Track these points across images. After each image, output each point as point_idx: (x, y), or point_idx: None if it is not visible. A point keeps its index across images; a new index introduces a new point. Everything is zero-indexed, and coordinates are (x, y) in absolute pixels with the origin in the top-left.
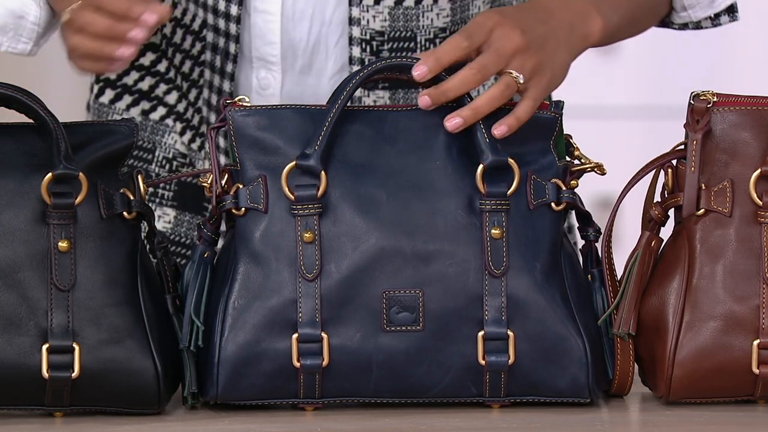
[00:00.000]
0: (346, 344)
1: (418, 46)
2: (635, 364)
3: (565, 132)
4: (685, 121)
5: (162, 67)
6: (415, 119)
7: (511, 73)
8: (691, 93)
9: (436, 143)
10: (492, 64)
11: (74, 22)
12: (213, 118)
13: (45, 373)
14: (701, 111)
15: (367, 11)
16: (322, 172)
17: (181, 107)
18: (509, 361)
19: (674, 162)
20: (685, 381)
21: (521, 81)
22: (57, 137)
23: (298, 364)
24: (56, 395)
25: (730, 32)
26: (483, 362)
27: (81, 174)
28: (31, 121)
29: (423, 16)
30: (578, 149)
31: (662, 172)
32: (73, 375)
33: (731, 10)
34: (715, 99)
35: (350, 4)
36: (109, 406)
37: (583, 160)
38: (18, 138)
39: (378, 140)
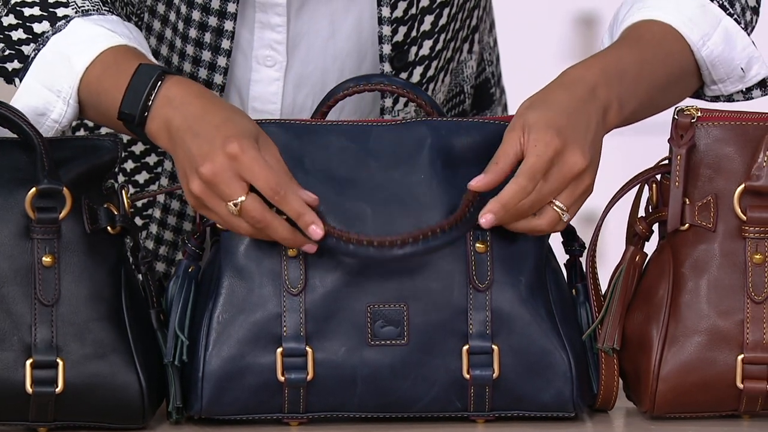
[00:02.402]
0: (330, 358)
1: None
2: (620, 379)
3: None
4: (669, 136)
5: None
6: (399, 133)
7: (556, 206)
8: (675, 108)
9: (420, 157)
10: (550, 193)
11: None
12: None
13: (29, 389)
14: (685, 126)
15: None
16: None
17: None
18: (494, 375)
19: (658, 177)
20: (669, 396)
21: (565, 219)
22: (41, 152)
23: (282, 379)
24: (40, 410)
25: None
26: (468, 376)
27: (65, 189)
28: (14, 135)
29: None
30: None
31: (646, 187)
32: (57, 390)
33: (763, 85)
34: (699, 114)
35: None
36: (94, 421)
37: None
38: (2, 153)
39: (362, 154)
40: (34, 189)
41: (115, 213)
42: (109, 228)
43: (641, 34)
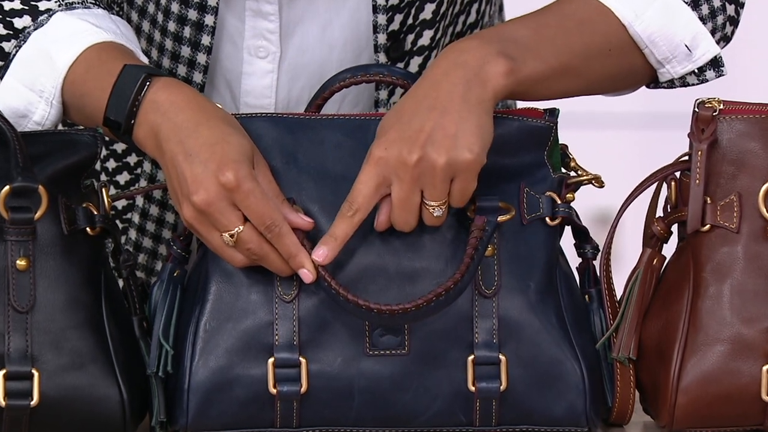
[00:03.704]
0: (325, 369)
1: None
2: (636, 391)
3: (560, 142)
4: (689, 131)
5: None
6: None
7: (428, 205)
8: (696, 100)
9: None
10: (407, 198)
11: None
12: None
13: (1, 401)
14: (706, 119)
15: None
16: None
17: None
18: (501, 387)
19: (678, 174)
20: (689, 409)
21: (436, 214)
22: (15, 147)
23: (274, 391)
24: (14, 425)
25: (739, 35)
26: (473, 388)
27: (41, 187)
28: None
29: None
30: (574, 160)
31: (665, 185)
32: (32, 403)
33: (716, 64)
34: (721, 107)
35: None
36: None
37: (579, 172)
38: None
39: (359, 150)
40: (7, 187)
41: (95, 213)
42: (88, 229)
43: (558, 8)
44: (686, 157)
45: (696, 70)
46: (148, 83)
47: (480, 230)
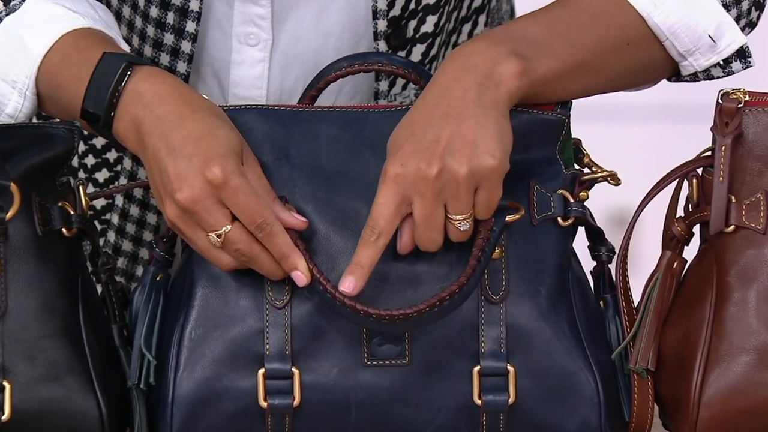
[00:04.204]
0: (320, 381)
1: None
2: (655, 405)
3: (573, 136)
4: (712, 124)
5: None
6: (399, 121)
7: (453, 220)
8: (720, 91)
9: None
10: (431, 214)
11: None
12: None
13: None
14: (731, 112)
15: None
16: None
17: None
18: (509, 400)
19: (700, 171)
20: (712, 424)
21: (463, 228)
22: None
23: (264, 404)
24: None
25: (765, 20)
26: (479, 402)
27: (12, 184)
28: None
29: None
30: (588, 156)
31: (686, 183)
32: (3, 418)
33: (742, 55)
34: (747, 98)
35: None
36: None
37: (594, 169)
38: None
39: (356, 145)
40: None
41: (71, 213)
42: (64, 230)
43: (570, 1)
44: (709, 153)
45: (721, 62)
46: (128, 72)
47: (487, 230)
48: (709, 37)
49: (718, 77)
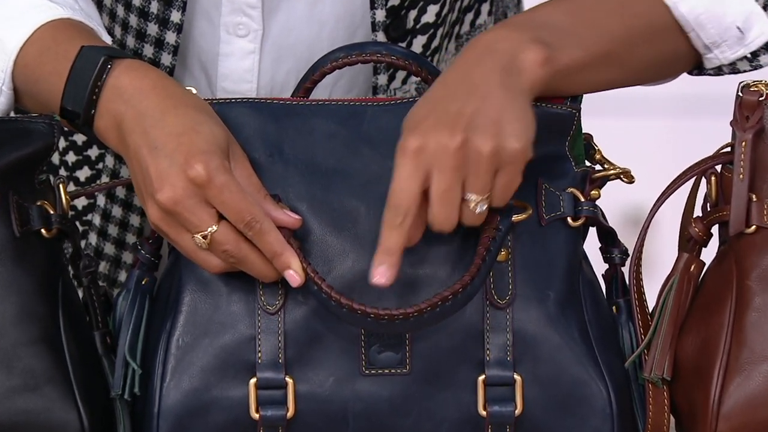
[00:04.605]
0: (315, 391)
1: None
2: (671, 416)
3: (584, 131)
4: (731, 118)
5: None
6: (399, 115)
7: (469, 199)
8: (740, 83)
9: None
10: (450, 189)
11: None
12: None
13: None
14: (752, 105)
15: None
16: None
17: None
18: (516, 411)
19: (719, 168)
20: None
21: (479, 211)
22: None
23: (256, 416)
24: None
25: None
26: (484, 413)
27: None
28: None
29: None
30: (600, 152)
31: (704, 181)
32: None
33: None
34: None
35: None
36: None
37: (606, 166)
38: None
39: (354, 141)
40: None
41: (51, 212)
42: (43, 231)
43: None
44: (728, 149)
45: (749, 55)
46: (108, 66)
47: (492, 230)
48: (738, 28)
49: (744, 71)
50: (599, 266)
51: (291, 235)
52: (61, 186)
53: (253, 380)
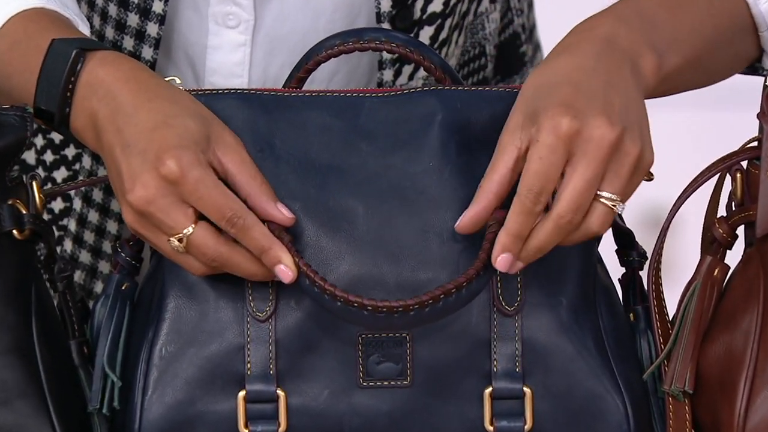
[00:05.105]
0: (309, 404)
1: None
2: None
3: None
4: (759, 110)
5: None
6: (399, 107)
7: (603, 199)
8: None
9: (427, 138)
10: (587, 184)
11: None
12: None
13: None
14: None
15: None
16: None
17: None
18: (526, 426)
19: (744, 164)
20: None
21: (619, 210)
22: None
23: (246, 431)
24: None
25: None
26: (491, 428)
27: None
28: None
29: None
30: None
31: (729, 178)
32: None
33: None
34: None
35: None
36: None
37: None
38: None
39: (351, 135)
40: None
41: (23, 212)
42: (15, 232)
43: None
44: (755, 143)
45: None
46: (81, 60)
47: (498, 223)
48: None
49: None
50: (615, 270)
51: (282, 229)
52: (34, 183)
53: (241, 393)
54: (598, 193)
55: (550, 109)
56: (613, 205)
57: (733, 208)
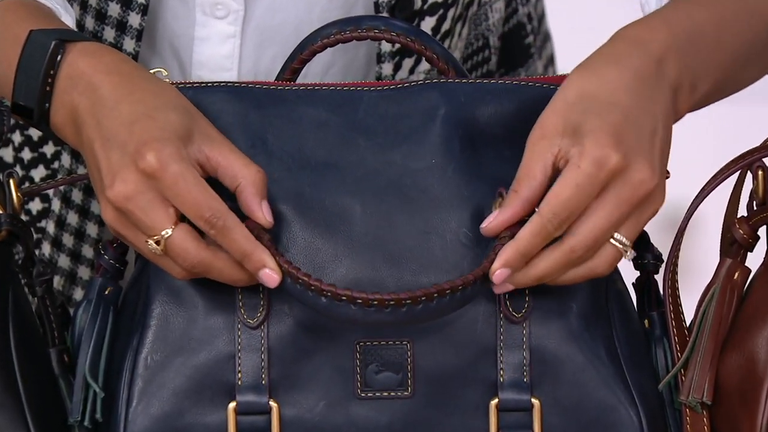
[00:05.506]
0: (304, 416)
1: None
2: None
3: None
4: None
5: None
6: (400, 101)
7: (615, 240)
8: None
9: (429, 134)
10: (610, 225)
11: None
12: None
13: None
14: None
15: None
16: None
17: None
18: None
19: (766, 161)
20: None
21: (628, 256)
22: None
23: None
24: None
25: None
26: None
27: None
28: None
29: None
30: None
31: (749, 176)
32: None
33: None
34: None
35: None
36: None
37: None
38: None
39: (348, 130)
40: None
41: (0, 212)
42: None
43: None
44: None
45: None
46: (61, 51)
47: (510, 237)
48: None
49: None
50: (629, 274)
51: (261, 228)
52: (11, 181)
53: (232, 404)
54: (615, 236)
55: (600, 136)
56: (625, 251)
57: (755, 208)
